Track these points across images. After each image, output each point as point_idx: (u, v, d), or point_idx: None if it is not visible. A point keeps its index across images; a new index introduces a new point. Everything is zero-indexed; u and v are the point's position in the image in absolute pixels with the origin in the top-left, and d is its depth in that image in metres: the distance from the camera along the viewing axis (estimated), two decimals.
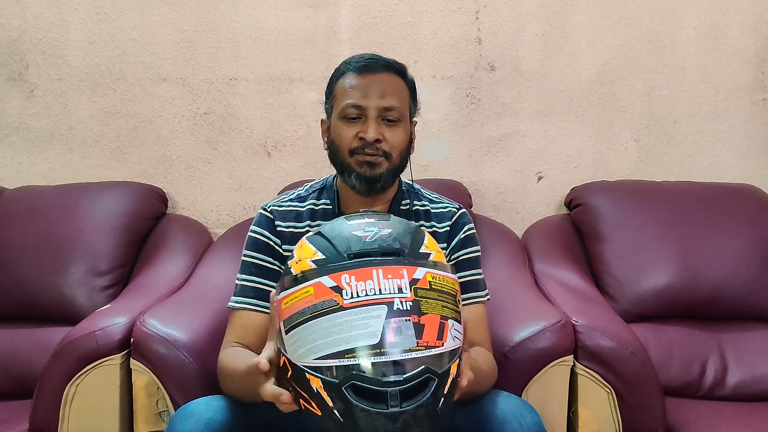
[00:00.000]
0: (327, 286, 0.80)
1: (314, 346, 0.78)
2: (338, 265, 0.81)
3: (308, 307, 0.79)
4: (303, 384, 0.79)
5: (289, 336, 0.80)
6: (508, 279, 1.55)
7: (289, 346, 0.80)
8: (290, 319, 0.80)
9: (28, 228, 1.65)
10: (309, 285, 0.81)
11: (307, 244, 0.87)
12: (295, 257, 0.86)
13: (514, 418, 0.95)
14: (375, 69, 1.14)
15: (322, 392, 0.77)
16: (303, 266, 0.83)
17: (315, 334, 0.78)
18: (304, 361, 0.78)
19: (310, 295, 0.80)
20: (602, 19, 1.84)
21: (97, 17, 1.86)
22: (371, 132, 1.11)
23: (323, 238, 0.86)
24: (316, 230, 0.90)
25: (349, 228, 0.87)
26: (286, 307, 0.81)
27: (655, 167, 1.88)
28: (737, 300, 1.58)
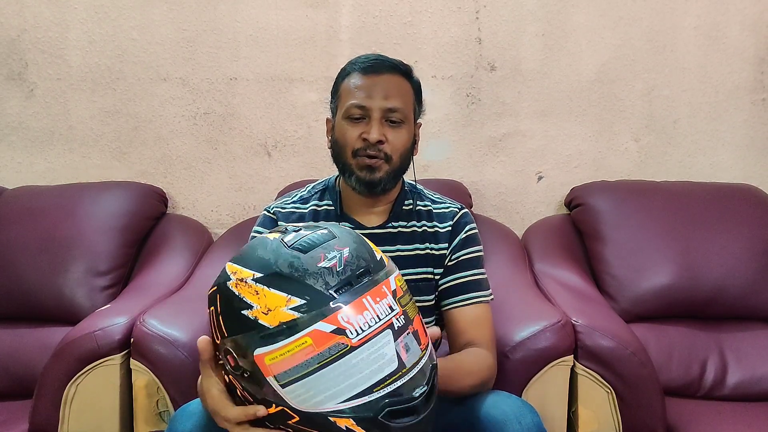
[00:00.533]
0: (327, 332, 0.76)
1: (336, 392, 0.76)
2: (329, 307, 0.77)
3: (312, 358, 0.75)
4: (322, 427, 0.77)
5: (292, 388, 0.76)
6: (508, 279, 1.55)
7: (296, 397, 0.77)
8: (288, 374, 0.76)
9: (28, 228, 1.65)
10: (304, 336, 0.76)
11: (268, 290, 0.78)
12: (258, 308, 0.78)
13: (515, 418, 0.95)
14: (380, 70, 1.14)
15: (355, 428, 0.77)
16: (280, 317, 0.76)
17: (332, 380, 0.76)
18: (326, 407, 0.76)
19: (309, 345, 0.75)
20: (602, 19, 1.84)
21: (96, 17, 1.86)
22: (374, 133, 1.11)
23: (285, 280, 0.79)
24: (264, 272, 0.80)
25: (309, 261, 0.80)
26: (276, 362, 0.76)
27: (655, 167, 1.88)
28: (737, 300, 1.58)
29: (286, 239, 0.84)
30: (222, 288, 0.82)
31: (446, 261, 1.19)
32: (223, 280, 0.83)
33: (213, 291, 0.84)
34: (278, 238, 0.85)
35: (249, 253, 0.85)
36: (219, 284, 0.83)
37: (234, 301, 0.80)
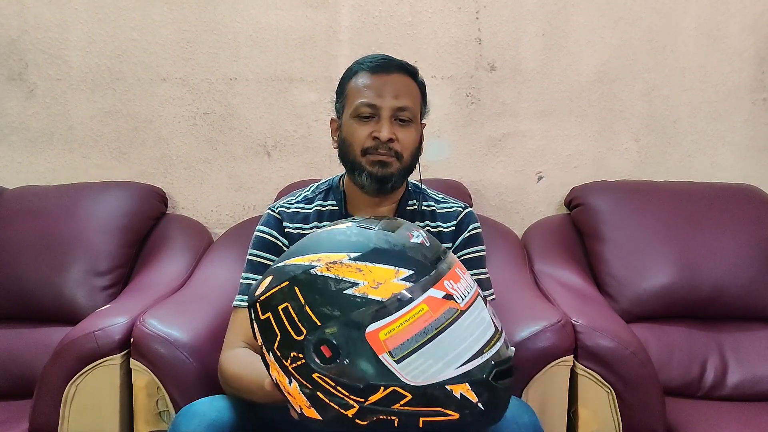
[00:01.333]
0: (439, 298, 0.79)
1: (453, 357, 0.78)
2: (435, 275, 0.80)
3: (430, 325, 0.77)
4: (437, 399, 0.77)
5: (408, 362, 0.76)
6: (508, 279, 1.55)
7: (412, 371, 0.77)
8: (405, 346, 0.76)
9: (28, 228, 1.65)
10: (420, 303, 0.78)
11: (373, 265, 0.80)
12: (365, 284, 0.78)
13: (512, 418, 0.95)
14: (389, 69, 1.15)
15: (469, 393, 0.78)
16: (392, 288, 0.78)
17: (449, 345, 0.78)
18: (443, 376, 0.77)
19: (426, 312, 0.78)
20: (602, 19, 1.84)
21: (96, 17, 1.86)
22: (385, 131, 1.11)
23: (387, 255, 0.81)
24: (361, 250, 0.81)
25: (399, 239, 0.83)
26: (393, 335, 0.77)
27: (655, 167, 1.88)
28: (737, 300, 1.57)
29: (363, 224, 0.86)
30: (301, 278, 0.81)
31: None
32: (297, 272, 0.81)
33: (283, 287, 0.82)
34: (351, 225, 0.87)
35: (323, 241, 0.85)
36: (292, 277, 0.81)
37: (329, 284, 0.79)
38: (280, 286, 0.82)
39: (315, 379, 0.79)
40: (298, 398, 0.82)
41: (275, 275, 0.84)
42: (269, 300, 0.83)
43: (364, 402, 0.78)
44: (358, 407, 0.78)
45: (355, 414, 0.79)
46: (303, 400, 0.81)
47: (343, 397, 0.78)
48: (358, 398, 0.78)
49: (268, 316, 0.82)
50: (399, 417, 0.78)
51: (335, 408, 0.79)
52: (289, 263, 0.84)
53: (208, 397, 1.05)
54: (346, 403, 0.79)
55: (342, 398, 0.79)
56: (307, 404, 0.81)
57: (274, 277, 0.84)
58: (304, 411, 0.82)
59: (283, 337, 0.81)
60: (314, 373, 0.79)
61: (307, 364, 0.79)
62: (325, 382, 0.79)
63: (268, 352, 0.84)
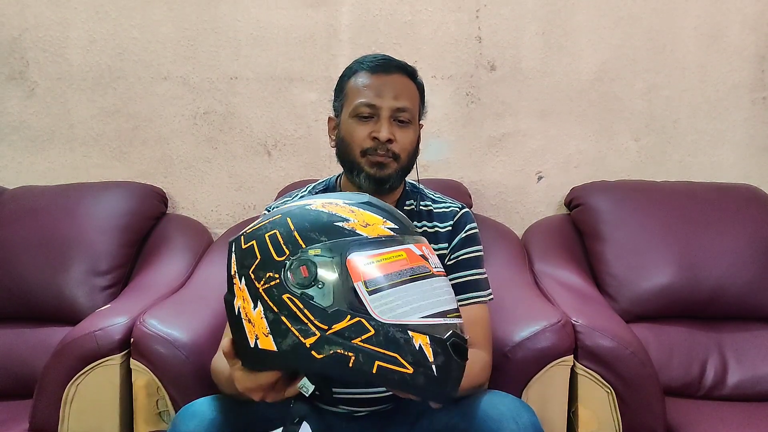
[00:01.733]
0: (417, 254, 0.84)
1: (420, 306, 0.81)
2: (414, 238, 0.87)
3: (405, 270, 0.82)
4: (396, 342, 0.79)
5: (379, 296, 0.79)
6: (508, 279, 1.55)
7: (381, 305, 0.79)
8: (380, 279, 0.80)
9: (28, 228, 1.65)
10: (400, 249, 0.83)
11: (364, 211, 0.86)
12: (355, 221, 0.84)
13: (511, 417, 0.95)
14: (389, 69, 1.15)
15: (426, 348, 0.79)
16: (379, 231, 0.84)
17: (419, 294, 0.82)
18: (407, 319, 0.79)
19: (404, 258, 0.83)
20: (602, 19, 1.84)
21: (97, 16, 1.86)
22: (384, 132, 1.12)
23: (378, 209, 0.88)
24: (354, 200, 0.88)
25: (388, 206, 0.90)
26: (371, 266, 0.81)
27: (655, 167, 1.88)
28: (737, 300, 1.58)
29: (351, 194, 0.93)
30: (295, 211, 0.86)
31: (446, 260, 1.19)
32: (291, 209, 0.87)
33: (274, 219, 0.86)
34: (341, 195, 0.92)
35: (318, 196, 0.91)
36: (287, 211, 0.87)
37: (322, 216, 0.84)
38: (271, 218, 0.87)
39: (284, 300, 0.81)
40: (258, 324, 0.82)
41: (264, 217, 0.89)
42: (256, 230, 0.86)
43: (327, 330, 0.79)
44: (319, 335, 0.79)
45: (313, 344, 0.79)
46: (263, 327, 0.82)
47: (307, 322, 0.79)
48: (323, 324, 0.79)
49: (252, 243, 0.85)
50: (356, 354, 0.78)
51: (295, 335, 0.80)
52: (282, 207, 0.91)
53: (208, 397, 1.05)
54: (308, 329, 0.79)
55: (305, 324, 0.80)
56: (265, 331, 0.81)
57: (264, 218, 0.89)
58: (260, 341, 0.82)
59: (262, 259, 0.83)
60: (285, 293, 0.81)
61: (281, 283, 0.81)
62: (293, 304, 0.80)
63: (240, 278, 0.85)
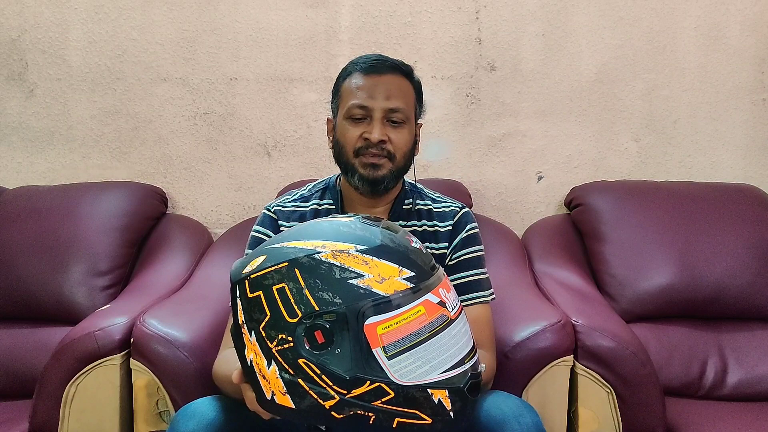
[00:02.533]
0: (434, 303, 0.80)
1: (439, 362, 0.79)
2: (432, 281, 0.82)
3: (424, 327, 0.79)
4: (416, 401, 0.78)
5: (399, 359, 0.77)
6: (508, 279, 1.55)
7: (401, 369, 0.78)
8: (399, 343, 0.77)
9: (28, 228, 1.65)
10: (418, 305, 0.79)
11: (379, 261, 0.80)
12: (370, 276, 0.79)
13: (514, 418, 0.95)
14: (382, 70, 1.15)
15: (445, 400, 0.79)
16: (395, 285, 0.79)
17: (438, 350, 0.80)
18: (428, 378, 0.79)
19: (423, 314, 0.79)
20: (602, 19, 1.84)
21: (97, 17, 1.86)
22: (376, 133, 1.12)
23: (392, 253, 0.81)
24: (368, 245, 0.81)
25: (402, 241, 0.84)
26: (389, 331, 0.77)
27: (655, 167, 1.88)
28: (737, 300, 1.57)
29: (365, 221, 0.87)
30: (303, 261, 0.80)
31: (446, 261, 1.19)
32: (298, 255, 0.80)
33: (280, 267, 0.80)
34: (354, 219, 0.87)
35: (326, 230, 0.84)
36: (293, 259, 0.80)
37: (333, 271, 0.79)
38: (277, 266, 0.81)
39: (300, 365, 0.79)
40: (274, 383, 0.80)
41: (270, 255, 0.83)
42: (262, 279, 0.81)
43: (346, 394, 0.78)
44: (338, 399, 0.78)
45: (333, 406, 0.78)
46: (279, 386, 0.80)
47: (326, 387, 0.78)
48: (341, 390, 0.78)
49: (259, 294, 0.81)
50: (376, 414, 0.78)
51: (314, 397, 0.79)
52: (287, 245, 0.83)
53: (207, 397, 1.05)
54: (327, 393, 0.78)
55: (324, 388, 0.78)
56: (282, 390, 0.80)
57: (268, 257, 0.82)
58: (277, 397, 0.81)
59: (273, 318, 0.80)
60: (301, 358, 0.78)
61: (296, 348, 0.78)
62: (310, 369, 0.78)
63: (250, 331, 0.82)
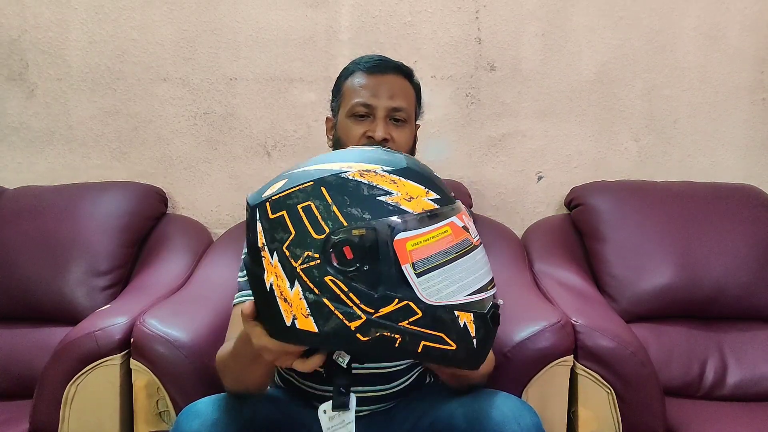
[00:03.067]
0: (459, 226, 0.81)
1: (465, 284, 0.79)
2: (456, 206, 0.82)
3: (452, 247, 0.78)
4: (443, 322, 0.77)
5: (427, 277, 0.76)
6: (508, 279, 1.55)
7: (429, 287, 0.76)
8: (428, 260, 0.76)
9: (28, 228, 1.65)
10: (445, 225, 0.79)
11: (406, 181, 0.79)
12: (399, 194, 0.78)
13: (513, 419, 0.95)
14: (385, 70, 1.16)
15: (470, 325, 0.79)
16: (423, 205, 0.78)
17: (465, 271, 0.79)
18: (455, 299, 0.78)
19: (450, 234, 0.79)
20: (602, 19, 1.84)
21: (97, 17, 1.86)
22: (380, 131, 1.12)
23: (418, 176, 0.81)
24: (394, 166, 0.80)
25: (426, 167, 0.84)
26: (419, 248, 0.76)
27: (655, 167, 1.88)
28: (737, 300, 1.57)
29: (387, 149, 0.88)
30: (330, 180, 0.78)
31: None
32: (324, 175, 0.79)
33: (305, 186, 0.78)
34: (377, 147, 0.88)
35: (349, 153, 0.84)
36: (320, 179, 0.78)
37: (361, 188, 0.78)
38: (302, 185, 0.79)
39: (326, 283, 0.76)
40: (297, 305, 0.77)
41: (291, 179, 0.81)
42: (285, 198, 0.79)
43: (374, 313, 0.75)
44: (365, 318, 0.75)
45: (358, 327, 0.76)
46: (302, 308, 0.77)
47: (353, 305, 0.75)
48: (369, 308, 0.75)
49: (282, 214, 0.78)
50: (403, 336, 0.76)
51: (339, 318, 0.76)
52: (310, 168, 0.81)
53: (210, 396, 1.04)
54: (353, 312, 0.75)
55: (350, 307, 0.75)
56: (305, 312, 0.77)
57: (290, 180, 0.81)
58: (299, 321, 0.77)
59: (298, 236, 0.77)
60: (327, 275, 0.76)
61: (322, 264, 0.76)
62: (337, 287, 0.75)
63: (271, 253, 0.78)
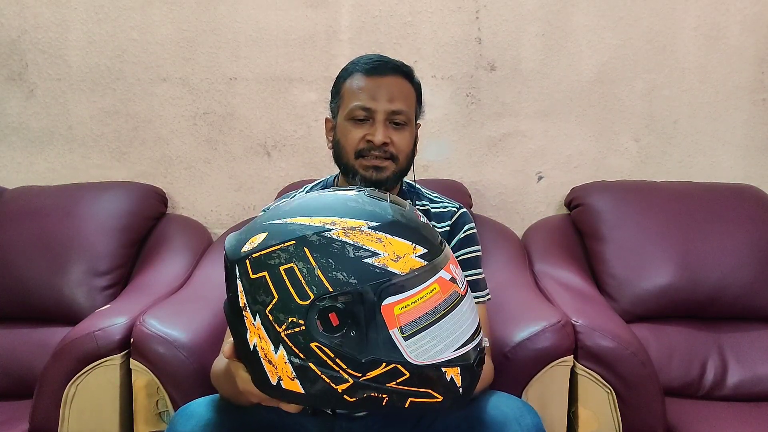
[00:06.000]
0: (447, 279, 0.79)
1: (453, 339, 0.78)
2: (443, 257, 0.80)
3: (440, 305, 0.77)
4: (430, 380, 0.77)
5: (415, 340, 0.75)
6: (508, 279, 1.55)
7: (417, 349, 0.76)
8: (416, 323, 0.75)
9: (28, 228, 1.65)
10: (433, 282, 0.77)
11: (393, 238, 0.77)
12: (386, 255, 0.75)
13: (514, 419, 0.95)
14: (384, 71, 1.14)
15: (457, 378, 0.78)
16: (411, 264, 0.76)
17: (451, 327, 0.78)
18: (442, 357, 0.77)
19: (438, 292, 0.77)
20: (602, 19, 1.84)
21: (96, 17, 1.86)
22: (379, 135, 1.11)
23: (404, 229, 0.78)
24: (379, 221, 0.78)
25: (412, 216, 0.82)
26: (406, 311, 0.75)
27: (655, 167, 1.88)
28: (737, 300, 1.57)
29: (372, 195, 0.83)
30: (312, 240, 0.76)
31: None
32: (307, 233, 0.76)
33: (287, 246, 0.76)
34: (359, 193, 0.83)
35: (333, 205, 0.80)
36: (301, 237, 0.76)
37: (347, 250, 0.75)
38: (283, 244, 0.76)
39: (312, 349, 0.75)
40: (282, 368, 0.77)
41: (272, 232, 0.78)
42: (266, 258, 0.76)
43: (361, 377, 0.75)
44: (352, 382, 0.76)
45: (345, 389, 0.76)
46: (287, 371, 0.77)
47: (339, 370, 0.75)
48: (356, 373, 0.75)
49: (263, 275, 0.76)
50: (390, 395, 0.76)
51: (326, 381, 0.76)
52: (291, 221, 0.79)
53: (206, 397, 1.05)
54: (340, 377, 0.75)
55: (337, 371, 0.75)
56: (291, 375, 0.77)
57: (270, 234, 0.78)
58: (284, 383, 0.77)
59: (281, 300, 0.75)
60: (313, 342, 0.75)
61: (308, 331, 0.75)
62: (323, 353, 0.75)
63: (254, 315, 0.77)
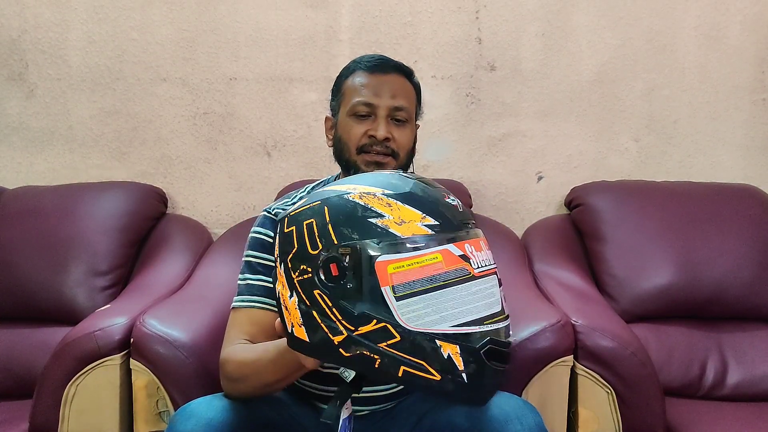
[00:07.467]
0: (455, 254, 0.80)
1: (452, 314, 0.78)
2: (459, 235, 0.81)
3: (439, 275, 0.78)
4: (423, 350, 0.77)
5: (407, 302, 0.77)
6: (508, 279, 1.52)
7: (408, 312, 0.77)
8: (409, 285, 0.77)
9: (28, 228, 1.65)
10: (435, 252, 0.79)
11: (403, 205, 0.81)
12: (390, 218, 0.80)
13: (516, 418, 0.95)
14: (386, 69, 1.16)
15: (456, 357, 0.77)
16: (414, 229, 0.79)
17: (452, 301, 0.78)
18: (437, 328, 0.77)
19: (439, 262, 0.78)
20: (602, 19, 1.84)
21: (96, 17, 1.86)
22: (381, 130, 1.12)
23: (419, 201, 0.82)
24: (395, 190, 0.83)
25: (435, 193, 0.85)
26: (400, 271, 0.77)
27: (655, 167, 1.88)
28: (737, 300, 1.58)
29: (406, 174, 0.88)
30: (332, 200, 0.83)
31: None
32: (330, 195, 0.84)
33: (314, 205, 0.84)
34: (396, 172, 0.89)
35: (365, 177, 0.88)
36: (325, 198, 0.84)
37: (357, 210, 0.81)
38: (312, 204, 0.85)
39: (315, 296, 0.81)
40: (293, 314, 0.83)
41: (310, 197, 0.87)
42: (298, 215, 0.85)
43: (354, 331, 0.78)
44: (346, 335, 0.79)
45: (341, 342, 0.79)
46: (297, 317, 0.83)
47: (335, 321, 0.79)
48: (349, 325, 0.78)
49: (292, 229, 0.85)
50: (381, 357, 0.78)
51: (324, 331, 0.80)
52: (327, 189, 0.87)
53: (205, 397, 1.04)
54: (336, 327, 0.79)
55: (333, 322, 0.79)
56: (299, 321, 0.83)
57: (309, 198, 0.87)
58: (295, 330, 0.83)
59: (298, 250, 0.83)
60: (316, 289, 0.80)
61: (312, 278, 0.81)
62: (323, 300, 0.80)
63: (280, 263, 0.86)
